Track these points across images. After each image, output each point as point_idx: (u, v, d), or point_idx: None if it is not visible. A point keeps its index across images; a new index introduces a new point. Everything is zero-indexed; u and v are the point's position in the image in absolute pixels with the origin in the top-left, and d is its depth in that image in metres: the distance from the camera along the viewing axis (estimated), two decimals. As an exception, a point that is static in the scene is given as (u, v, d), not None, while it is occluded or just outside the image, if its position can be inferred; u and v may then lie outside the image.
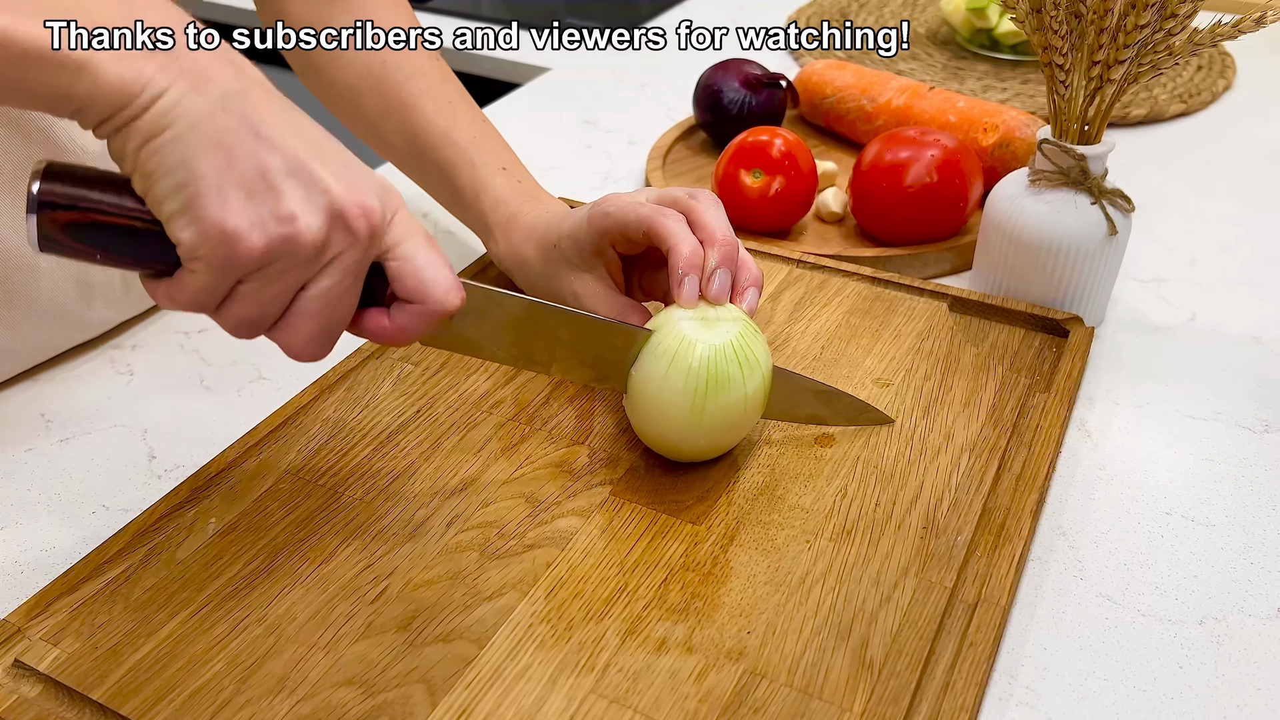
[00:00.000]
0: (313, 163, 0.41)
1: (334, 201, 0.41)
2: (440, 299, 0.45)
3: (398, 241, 0.44)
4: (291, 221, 0.40)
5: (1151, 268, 0.76)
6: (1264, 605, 0.50)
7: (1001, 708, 0.45)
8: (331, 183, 0.41)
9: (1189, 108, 0.99)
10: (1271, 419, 0.61)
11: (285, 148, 0.40)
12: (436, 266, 0.45)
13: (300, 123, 0.42)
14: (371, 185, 0.43)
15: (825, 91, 0.90)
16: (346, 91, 0.70)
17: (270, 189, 0.40)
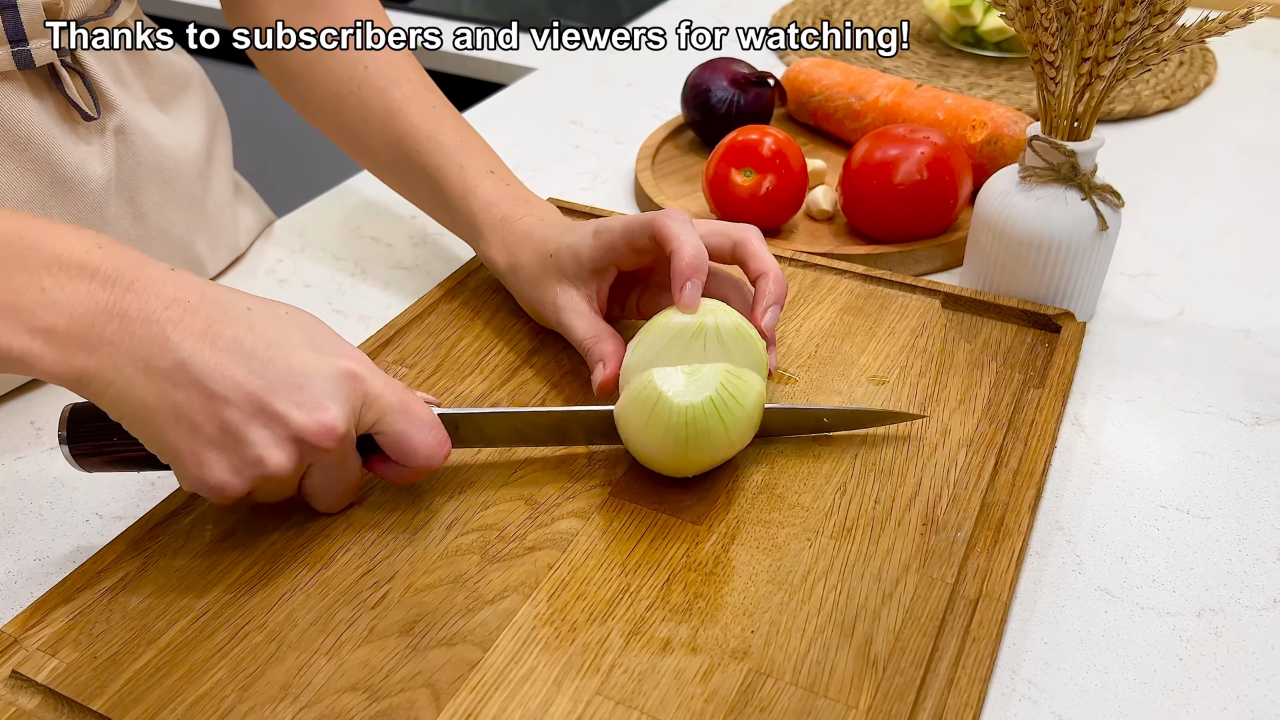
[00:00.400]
0: (269, 401, 0.45)
1: (296, 431, 0.45)
2: (424, 463, 0.49)
3: (376, 419, 0.48)
4: (260, 463, 0.45)
5: (1140, 262, 0.77)
6: (1260, 596, 0.50)
7: (1004, 702, 0.46)
8: (291, 414, 0.45)
9: (1172, 103, 1.00)
10: (1261, 411, 0.62)
11: (240, 397, 0.44)
12: (415, 435, 0.49)
13: (252, 352, 0.45)
14: (332, 390, 0.46)
15: (812, 90, 0.90)
16: (327, 99, 0.69)
17: (236, 440, 0.45)
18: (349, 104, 0.69)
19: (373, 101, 0.68)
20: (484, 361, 0.63)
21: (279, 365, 0.45)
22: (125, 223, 0.66)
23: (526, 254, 0.62)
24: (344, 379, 0.47)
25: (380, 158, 0.70)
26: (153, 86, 0.68)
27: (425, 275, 0.76)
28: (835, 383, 0.61)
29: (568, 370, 0.62)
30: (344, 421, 0.46)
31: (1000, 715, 0.45)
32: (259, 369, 0.45)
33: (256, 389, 0.44)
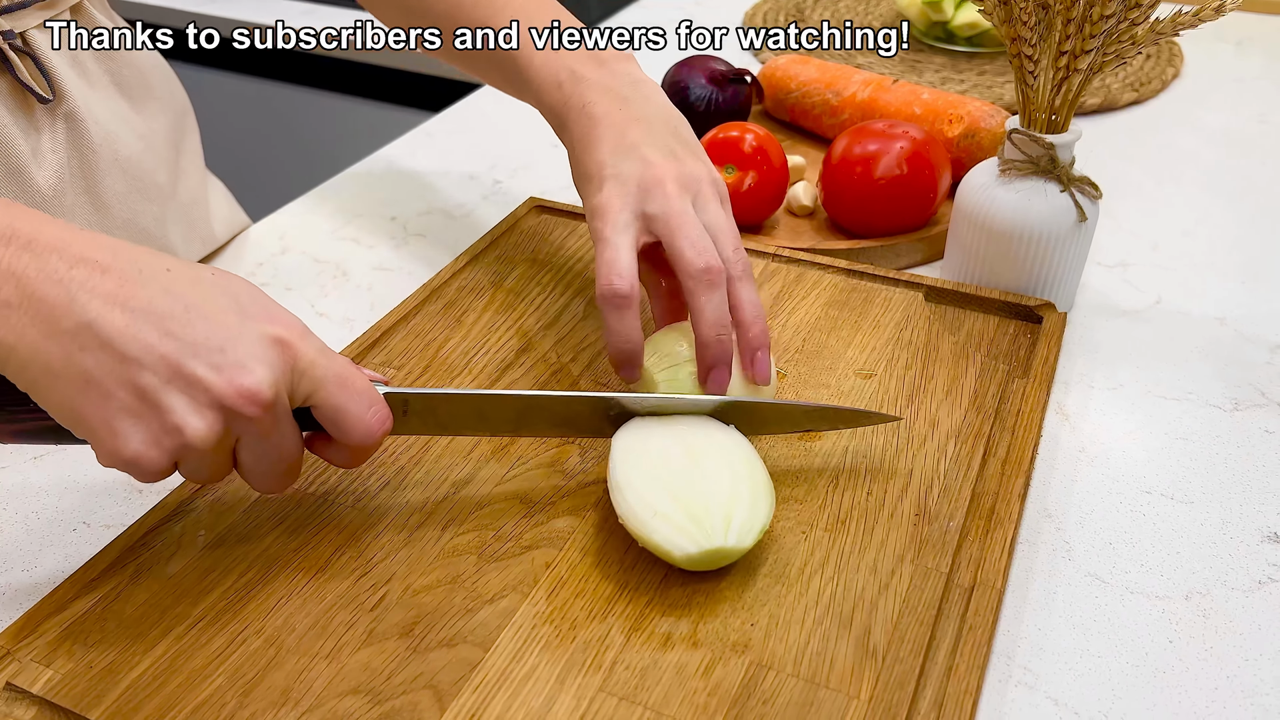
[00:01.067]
0: (186, 363, 0.41)
1: (216, 396, 0.41)
2: (361, 441, 0.46)
3: (308, 393, 0.44)
4: (180, 432, 0.41)
5: (1116, 253, 0.78)
6: (1245, 578, 0.51)
7: (1001, 689, 0.46)
8: (210, 378, 0.41)
9: (1140, 96, 1.01)
10: (1240, 397, 0.63)
11: (154, 360, 0.40)
12: (352, 409, 0.45)
13: (168, 314, 0.41)
14: (257, 353, 0.42)
15: (790, 86, 0.90)
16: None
17: (152, 407, 0.41)
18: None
19: None
20: (472, 362, 0.62)
21: (198, 328, 0.41)
22: (85, 212, 0.65)
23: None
24: (271, 344, 0.43)
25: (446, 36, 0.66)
26: (114, 70, 0.68)
27: (408, 277, 0.76)
28: (823, 377, 0.61)
29: (557, 369, 0.62)
30: (270, 387, 0.42)
31: (997, 702, 0.46)
32: (176, 330, 0.41)
33: (172, 351, 0.40)
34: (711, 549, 0.46)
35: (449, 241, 0.80)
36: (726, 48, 1.15)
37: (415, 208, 0.84)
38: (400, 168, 0.90)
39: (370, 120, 1.32)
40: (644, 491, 0.48)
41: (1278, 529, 0.54)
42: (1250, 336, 0.68)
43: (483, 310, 0.67)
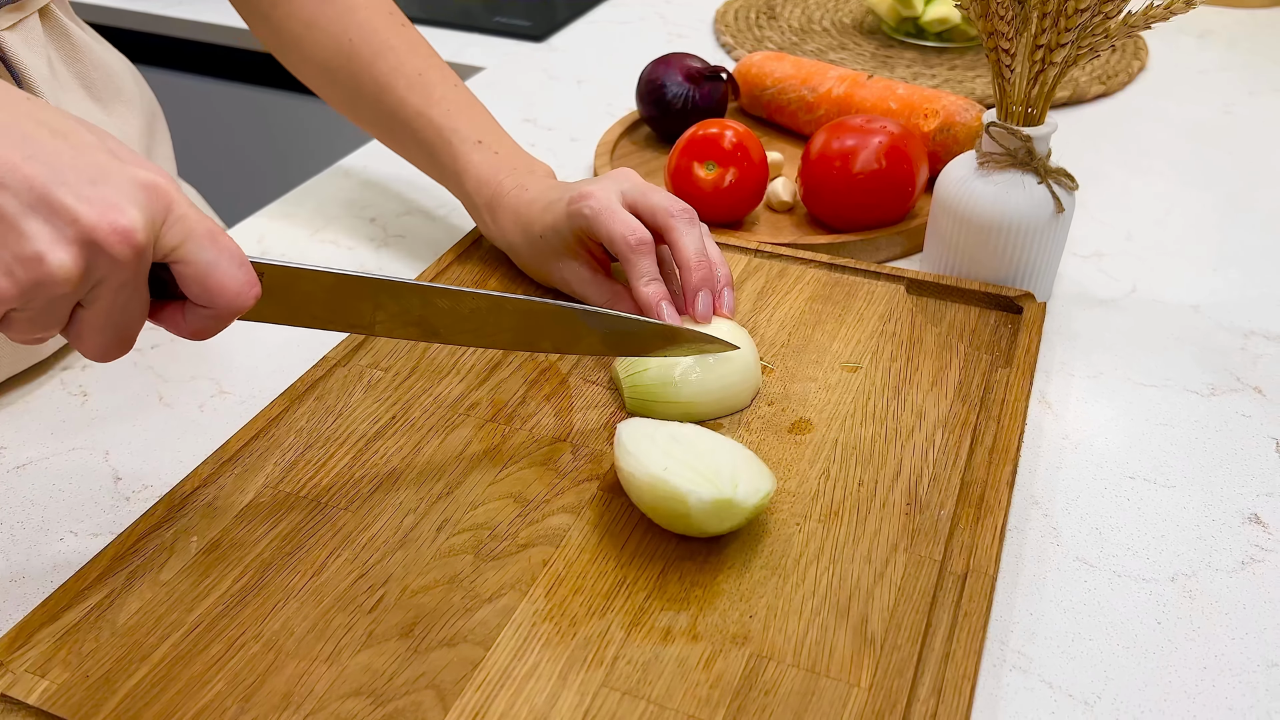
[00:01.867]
0: (54, 190, 0.37)
1: (84, 230, 0.37)
2: (230, 302, 0.42)
3: (176, 244, 0.40)
4: (39, 262, 0.37)
5: (1090, 243, 0.79)
6: (1229, 559, 0.52)
7: (997, 673, 0.47)
8: (80, 209, 0.37)
9: (1108, 89, 1.03)
10: (1216, 382, 0.64)
11: (15, 180, 0.36)
12: (223, 267, 0.41)
13: (33, 136, 0.37)
14: (130, 195, 0.38)
15: (765, 83, 0.91)
16: (318, 72, 0.72)
17: (9, 231, 0.36)
18: (340, 78, 0.71)
19: (362, 76, 0.71)
20: (459, 362, 0.62)
21: (67, 156, 0.37)
22: None
23: (517, 236, 0.65)
24: (145, 187, 0.39)
25: (379, 132, 0.74)
26: (84, 73, 0.67)
27: (390, 278, 0.75)
28: (810, 370, 0.61)
29: (545, 368, 0.62)
30: (144, 230, 0.38)
31: (993, 686, 0.46)
32: (41, 155, 0.37)
33: (38, 175, 0.36)
34: (723, 498, 0.47)
35: (429, 242, 0.79)
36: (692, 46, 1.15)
37: (393, 209, 0.84)
38: (376, 169, 0.90)
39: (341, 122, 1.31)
40: (655, 454, 0.49)
41: (1258, 510, 0.55)
42: (1224, 323, 0.70)
43: (468, 310, 0.67)
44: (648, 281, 0.59)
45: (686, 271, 0.59)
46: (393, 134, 0.73)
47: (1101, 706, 0.45)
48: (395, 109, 0.71)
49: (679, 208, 0.60)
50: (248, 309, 0.43)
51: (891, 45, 1.11)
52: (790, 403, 0.59)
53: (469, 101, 0.72)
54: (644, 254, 0.59)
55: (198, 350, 0.68)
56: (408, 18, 0.74)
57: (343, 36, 0.70)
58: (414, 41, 0.72)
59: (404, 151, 0.74)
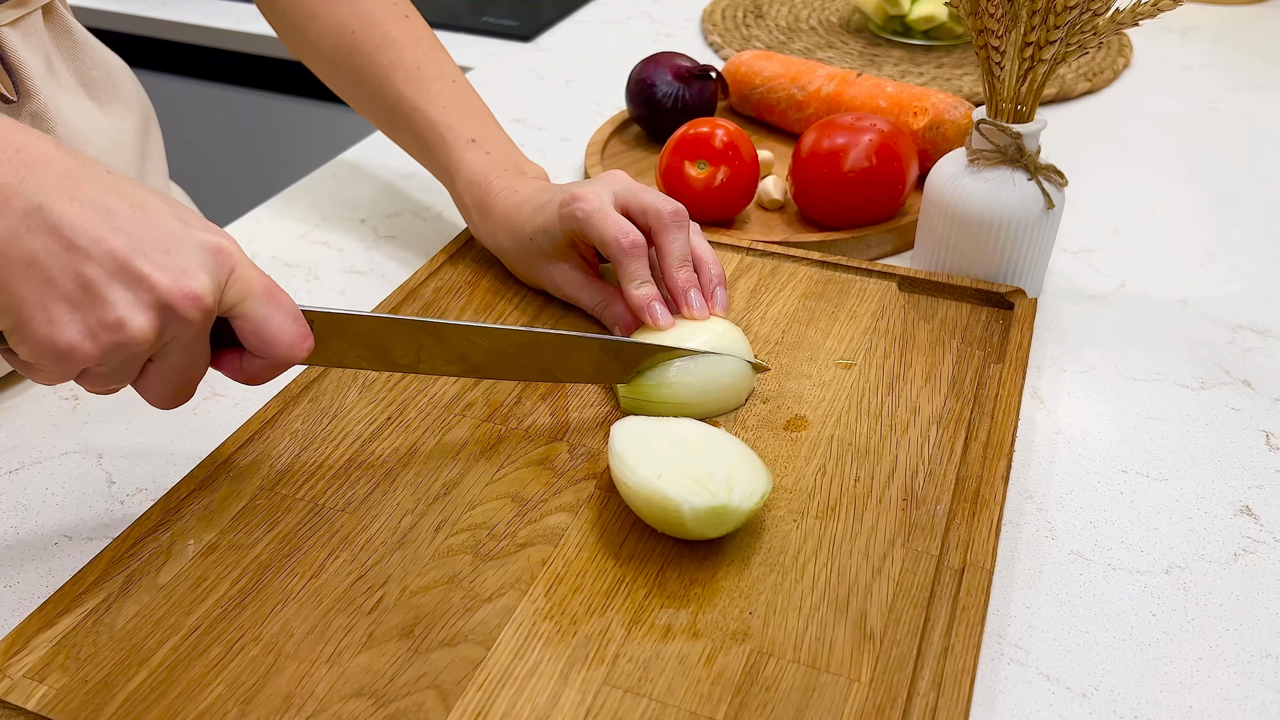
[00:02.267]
0: (133, 260, 0.40)
1: (160, 296, 0.41)
2: (284, 354, 0.46)
3: (237, 301, 0.44)
4: (121, 328, 0.40)
5: (1079, 239, 0.79)
6: (1221, 551, 0.53)
7: (994, 667, 0.47)
8: (156, 277, 0.41)
9: (1094, 86, 1.03)
10: (1206, 376, 0.65)
11: (101, 252, 0.40)
12: (278, 321, 0.45)
13: (115, 210, 0.41)
14: (200, 260, 0.42)
15: (754, 82, 0.91)
16: (323, 63, 0.73)
17: (94, 298, 0.40)
18: (343, 70, 0.72)
19: (363, 68, 0.71)
20: (454, 362, 0.62)
21: (144, 227, 0.41)
22: None
23: (507, 238, 0.65)
24: (212, 251, 0.43)
25: (381, 124, 0.74)
26: (83, 71, 0.67)
27: (381, 279, 0.75)
28: (804, 367, 0.62)
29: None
30: (211, 293, 0.42)
31: (992, 679, 0.47)
32: (123, 227, 0.40)
33: (120, 246, 0.40)
34: (718, 505, 0.47)
35: (420, 243, 0.79)
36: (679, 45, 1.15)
37: (384, 210, 0.84)
38: (365, 170, 0.90)
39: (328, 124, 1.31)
40: (648, 460, 0.49)
41: (1249, 502, 0.56)
42: (1212, 317, 0.70)
43: (461, 311, 0.67)
44: (639, 284, 0.59)
45: (671, 273, 0.60)
46: (392, 127, 0.73)
47: (1099, 698, 0.46)
48: (394, 103, 0.71)
49: (670, 209, 0.61)
50: (301, 360, 0.47)
51: (879, 44, 1.12)
52: (785, 400, 0.59)
53: (466, 97, 0.72)
54: (636, 256, 0.59)
55: (190, 353, 0.67)
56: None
57: (345, 28, 0.70)
58: (416, 33, 0.72)
59: (403, 145, 0.74)
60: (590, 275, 0.65)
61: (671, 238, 0.60)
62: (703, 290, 0.60)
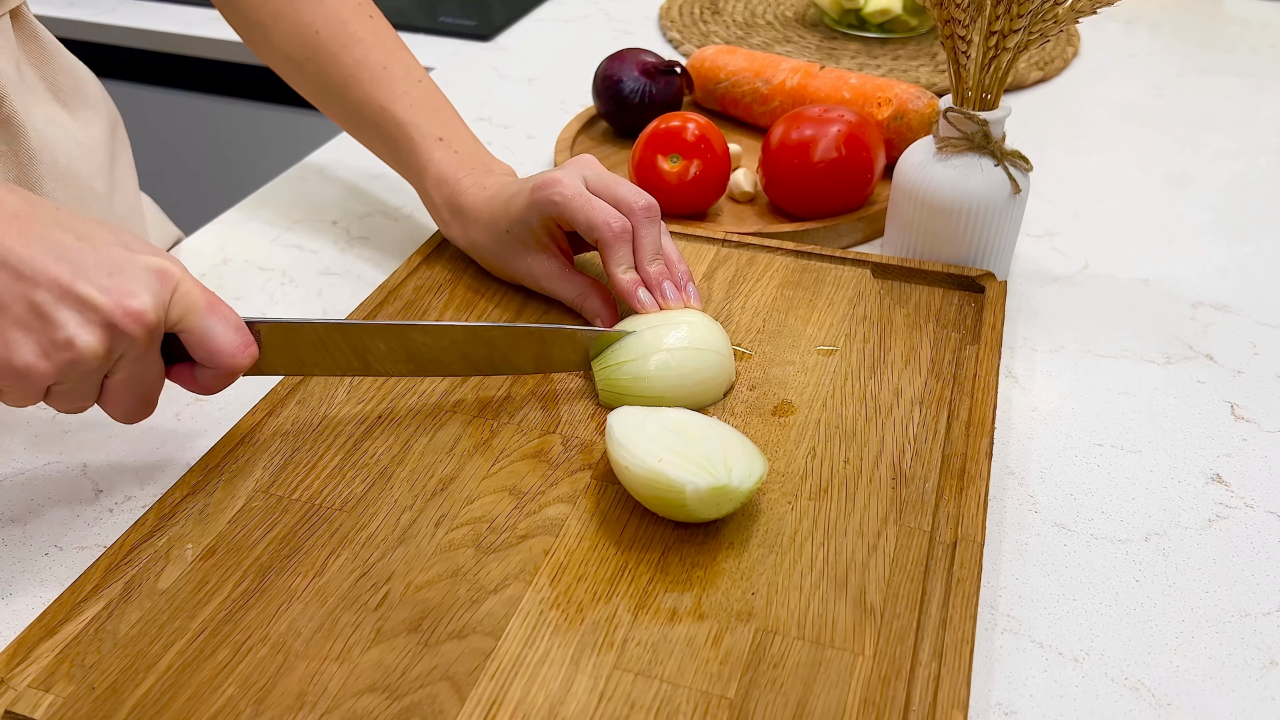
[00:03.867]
0: (78, 285, 0.44)
1: (105, 316, 0.44)
2: (229, 364, 0.49)
3: (180, 316, 0.47)
4: (71, 346, 0.44)
5: (1041, 223, 0.82)
6: (1196, 517, 0.55)
7: (989, 636, 0.49)
8: (99, 299, 0.44)
9: (1046, 74, 1.06)
10: (1171, 351, 0.67)
11: (48, 280, 0.43)
12: (219, 333, 0.48)
13: (60, 242, 0.44)
14: (142, 281, 0.45)
15: (719, 76, 0.92)
16: (286, 64, 0.72)
17: (45, 321, 0.44)
18: (307, 71, 0.71)
19: (328, 69, 0.71)
20: (441, 360, 0.62)
21: (88, 255, 0.45)
22: None
23: (481, 235, 0.65)
24: (155, 273, 0.46)
25: (346, 125, 0.74)
26: (51, 78, 0.67)
27: (358, 280, 0.75)
28: (787, 354, 0.63)
29: (527, 362, 0.62)
30: (153, 310, 0.45)
31: (987, 648, 0.48)
32: (67, 256, 0.44)
33: (64, 274, 0.44)
34: (719, 485, 0.48)
35: (393, 243, 0.79)
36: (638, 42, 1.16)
37: (355, 211, 0.84)
38: (333, 173, 0.89)
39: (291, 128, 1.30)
40: (648, 446, 0.50)
41: (1219, 470, 0.58)
42: (1173, 294, 0.73)
43: (443, 309, 0.67)
44: (626, 269, 0.60)
45: (644, 266, 0.61)
46: (359, 128, 0.73)
47: (1090, 662, 0.47)
48: (360, 103, 0.71)
49: (643, 203, 0.61)
50: (245, 368, 0.50)
51: (835, 37, 1.13)
52: (771, 386, 0.60)
53: (432, 96, 0.72)
54: (625, 241, 0.60)
55: (169, 359, 0.67)
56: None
57: (309, 28, 0.70)
58: (380, 33, 0.72)
59: (370, 145, 0.74)
60: (568, 267, 0.65)
61: (644, 232, 0.61)
62: (675, 284, 0.61)
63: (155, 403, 0.50)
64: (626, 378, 0.58)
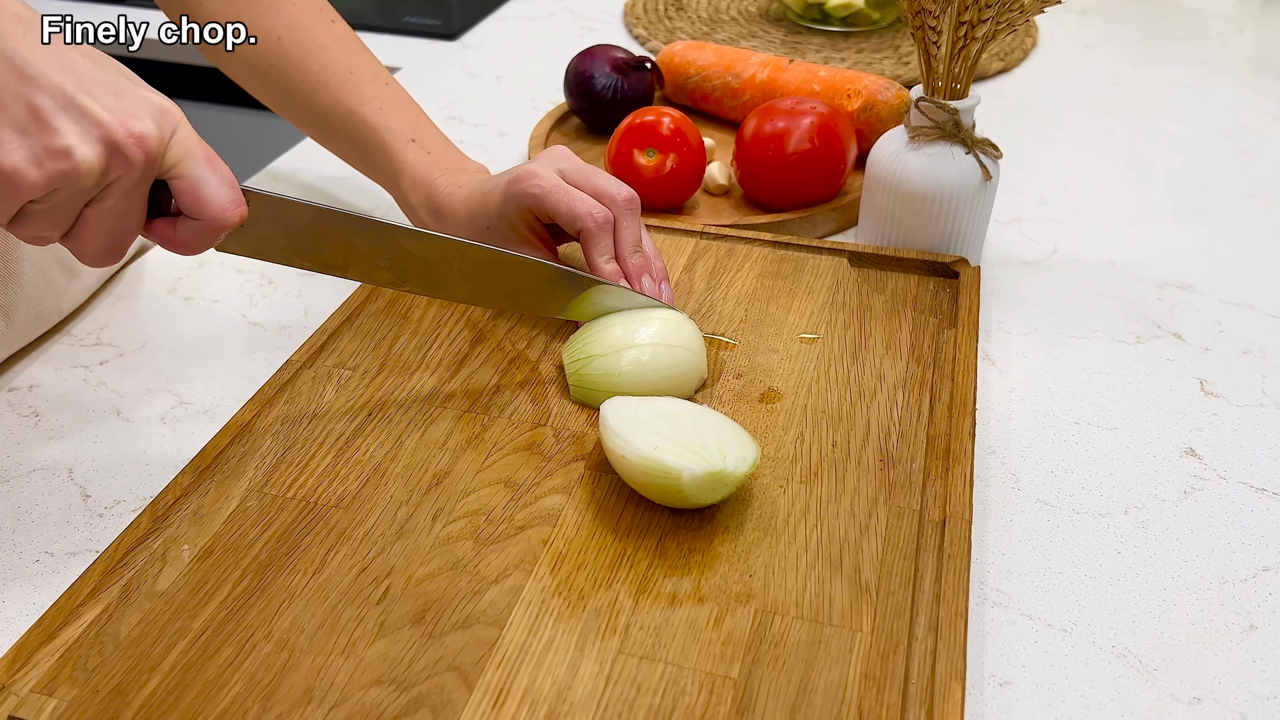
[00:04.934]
0: (82, 97, 0.42)
1: (108, 133, 0.42)
2: (218, 216, 0.47)
3: (177, 160, 0.45)
4: (67, 156, 0.41)
5: (1010, 210, 0.83)
6: (1172, 490, 0.57)
7: (980, 610, 0.50)
8: (103, 115, 0.42)
9: (1007, 65, 1.08)
10: (1140, 331, 0.69)
11: (52, 85, 0.41)
12: (214, 184, 0.46)
13: (66, 55, 0.42)
14: (146, 109, 0.44)
15: (689, 71, 0.93)
16: (249, 72, 0.72)
17: (43, 126, 0.41)
18: (270, 77, 0.71)
19: (292, 75, 0.70)
20: (428, 356, 0.63)
21: (94, 72, 0.43)
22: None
23: (462, 231, 0.67)
24: (159, 108, 0.44)
25: (311, 131, 0.73)
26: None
27: (337, 282, 0.75)
28: (771, 342, 0.64)
29: (514, 357, 0.63)
30: (156, 139, 0.44)
31: (979, 621, 0.49)
32: (74, 69, 0.42)
33: (69, 84, 0.42)
34: (715, 470, 0.49)
35: (371, 243, 0.79)
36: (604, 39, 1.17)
37: (330, 212, 0.83)
38: (301, 176, 0.89)
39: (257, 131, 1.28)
40: (643, 434, 0.50)
41: (1192, 444, 0.60)
42: (1139, 276, 0.75)
43: (427, 305, 0.68)
44: (609, 260, 0.61)
45: (625, 258, 0.62)
46: (326, 133, 0.73)
47: (1078, 632, 0.49)
48: (328, 109, 0.71)
49: (624, 195, 0.62)
50: (233, 226, 0.47)
51: (799, 31, 1.15)
52: (756, 374, 0.61)
53: (401, 98, 0.72)
54: (608, 232, 0.61)
55: (152, 363, 0.67)
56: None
57: (271, 35, 0.70)
58: (343, 38, 0.72)
59: (338, 151, 0.74)
60: (550, 254, 0.65)
61: (625, 224, 0.62)
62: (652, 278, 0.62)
63: (126, 250, 0.47)
64: (598, 373, 0.58)
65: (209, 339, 0.69)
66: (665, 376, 0.58)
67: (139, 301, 0.73)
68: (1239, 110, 1.00)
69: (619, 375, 0.58)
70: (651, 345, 0.58)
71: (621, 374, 0.57)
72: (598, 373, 0.58)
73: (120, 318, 0.71)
